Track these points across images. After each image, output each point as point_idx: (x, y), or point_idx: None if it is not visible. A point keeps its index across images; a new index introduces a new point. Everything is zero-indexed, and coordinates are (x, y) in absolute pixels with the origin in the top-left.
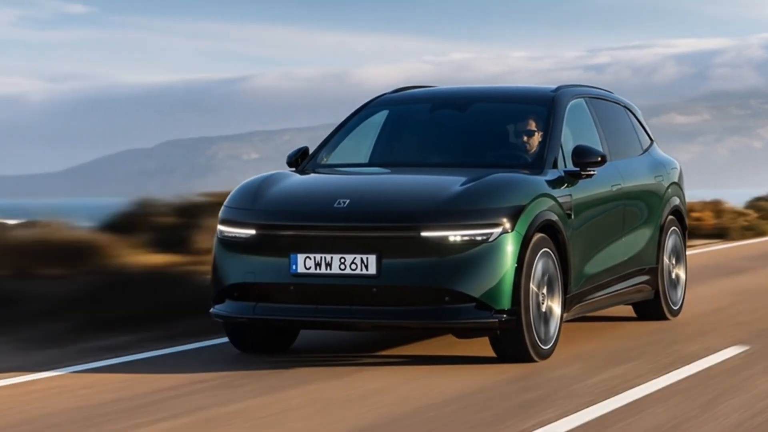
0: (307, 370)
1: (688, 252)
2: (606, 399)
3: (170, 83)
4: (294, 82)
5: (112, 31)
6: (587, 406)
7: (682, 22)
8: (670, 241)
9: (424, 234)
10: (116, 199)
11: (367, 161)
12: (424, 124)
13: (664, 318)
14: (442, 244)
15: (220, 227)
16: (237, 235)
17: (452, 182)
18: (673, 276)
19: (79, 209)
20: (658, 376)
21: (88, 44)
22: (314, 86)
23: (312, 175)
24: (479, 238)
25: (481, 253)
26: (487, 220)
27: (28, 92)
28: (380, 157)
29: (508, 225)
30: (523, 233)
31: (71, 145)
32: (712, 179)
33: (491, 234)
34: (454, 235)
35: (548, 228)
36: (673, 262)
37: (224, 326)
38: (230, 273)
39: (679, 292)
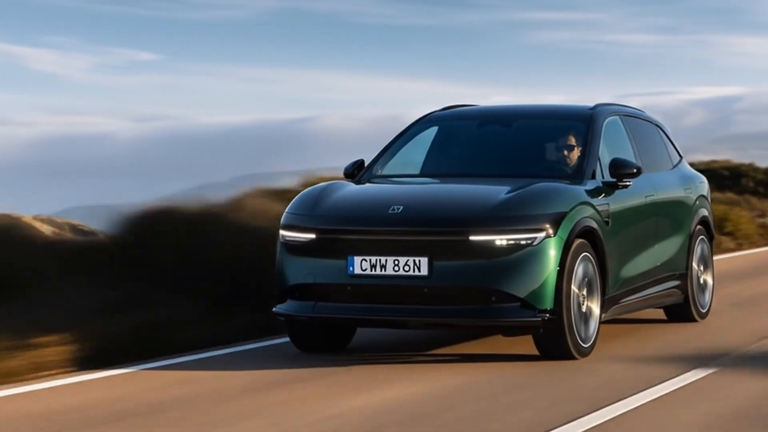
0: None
1: None
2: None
3: (242, 123)
4: (355, 122)
5: (180, 77)
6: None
7: (700, 71)
8: (698, 249)
9: (472, 238)
10: None
11: (418, 173)
12: (472, 138)
13: (693, 320)
14: (489, 248)
15: (283, 232)
16: (298, 239)
17: (499, 191)
18: (701, 281)
19: None
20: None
21: (159, 88)
22: (374, 126)
23: (368, 184)
24: (524, 242)
25: (526, 256)
26: (531, 226)
27: (116, 131)
28: (431, 169)
29: (551, 230)
30: (565, 238)
31: (156, 178)
32: None
33: (535, 238)
34: (501, 239)
35: (588, 234)
36: (702, 268)
37: (286, 325)
38: (292, 274)
39: (707, 296)
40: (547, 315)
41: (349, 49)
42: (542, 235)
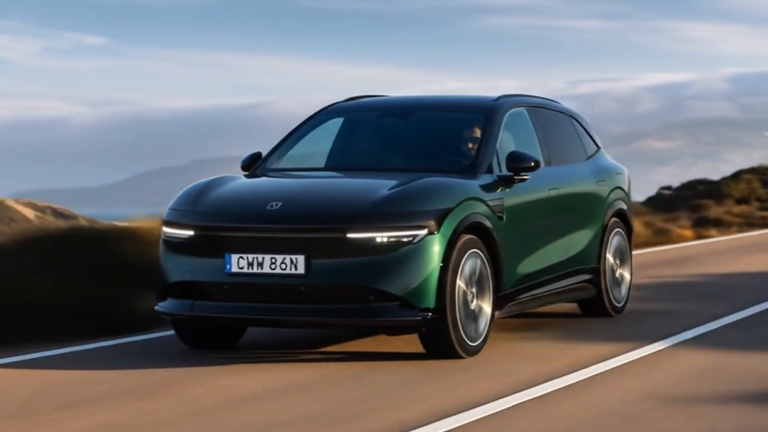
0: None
1: None
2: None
3: (196, 108)
4: (309, 107)
5: (130, 61)
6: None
7: (651, 58)
8: (613, 242)
9: (350, 235)
10: (154, 209)
11: (323, 165)
12: (371, 131)
13: (607, 315)
14: (367, 245)
15: (164, 228)
16: (178, 235)
17: (382, 186)
18: (617, 275)
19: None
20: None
21: (109, 72)
22: None
23: (255, 179)
24: (405, 239)
25: (406, 254)
26: (412, 223)
27: (72, 115)
28: (333, 162)
29: (434, 227)
30: (448, 235)
31: (111, 163)
32: None
33: (416, 236)
34: (380, 237)
35: (477, 229)
36: (618, 262)
37: (171, 322)
38: (171, 272)
39: (623, 290)
40: (429, 314)
41: (301, 35)
42: (423, 232)
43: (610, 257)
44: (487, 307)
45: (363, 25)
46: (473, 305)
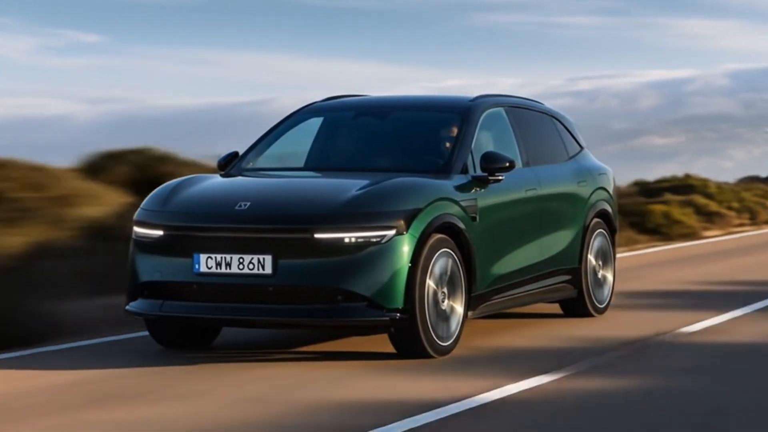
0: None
1: None
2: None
3: (195, 106)
4: None
5: (128, 59)
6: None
7: (650, 54)
8: (596, 243)
9: (317, 235)
10: None
11: (302, 165)
12: (348, 131)
13: (589, 315)
14: (335, 246)
15: (134, 228)
16: (147, 235)
17: (351, 186)
18: (599, 276)
19: None
20: None
21: (106, 70)
22: None
23: (226, 179)
24: (373, 239)
25: (373, 254)
26: (380, 223)
27: (73, 113)
28: (313, 162)
29: (402, 227)
30: (417, 235)
31: None
32: None
33: (384, 236)
34: (348, 237)
35: (449, 230)
36: (600, 263)
37: (144, 323)
38: (141, 272)
39: (606, 291)
40: (398, 314)
41: (297, 32)
42: (392, 232)
43: (591, 258)
44: (459, 308)
45: (361, 23)
46: (444, 305)
